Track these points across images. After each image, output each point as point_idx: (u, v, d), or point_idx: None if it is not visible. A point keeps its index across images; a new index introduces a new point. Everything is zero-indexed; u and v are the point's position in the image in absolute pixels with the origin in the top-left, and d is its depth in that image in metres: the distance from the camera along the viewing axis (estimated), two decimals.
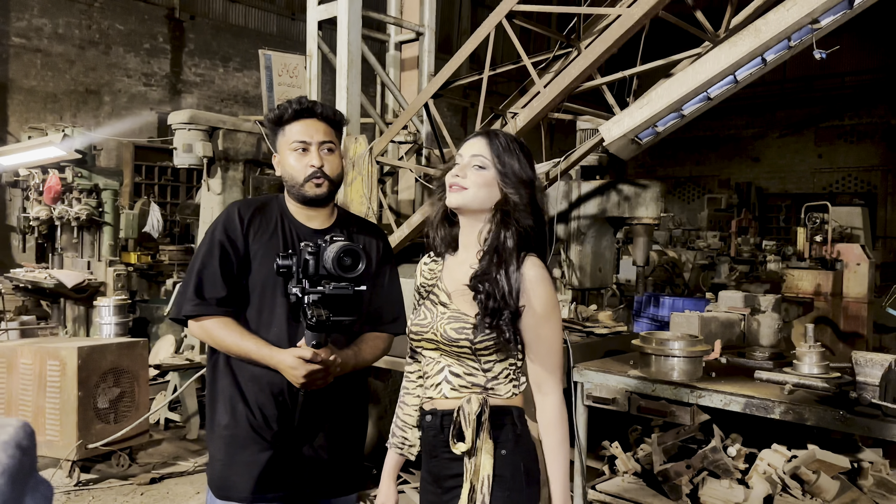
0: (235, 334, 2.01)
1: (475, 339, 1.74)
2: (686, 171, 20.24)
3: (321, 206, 2.13)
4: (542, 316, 1.75)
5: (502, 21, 3.60)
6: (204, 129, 6.18)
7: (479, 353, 1.77)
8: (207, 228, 2.13)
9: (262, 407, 2.04)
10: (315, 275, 1.93)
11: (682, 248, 11.14)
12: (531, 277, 1.74)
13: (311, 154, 2.07)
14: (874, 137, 17.99)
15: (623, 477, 3.37)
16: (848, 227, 9.37)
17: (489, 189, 1.78)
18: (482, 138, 1.83)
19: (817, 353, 3.06)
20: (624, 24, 3.17)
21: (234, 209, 2.12)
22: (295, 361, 1.93)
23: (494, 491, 1.72)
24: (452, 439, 1.76)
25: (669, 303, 5.62)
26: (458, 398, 1.79)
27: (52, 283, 7.53)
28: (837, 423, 2.58)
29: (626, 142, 3.52)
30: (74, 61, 12.33)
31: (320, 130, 2.09)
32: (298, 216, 2.14)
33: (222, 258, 2.04)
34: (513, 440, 1.77)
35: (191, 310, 2.02)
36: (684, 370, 3.06)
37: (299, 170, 2.07)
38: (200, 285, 2.02)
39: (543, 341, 1.76)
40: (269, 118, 2.15)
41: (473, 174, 1.78)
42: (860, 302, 8.16)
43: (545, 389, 1.78)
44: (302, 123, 2.08)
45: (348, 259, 1.91)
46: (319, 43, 4.66)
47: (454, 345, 1.77)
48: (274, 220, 2.11)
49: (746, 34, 3.18)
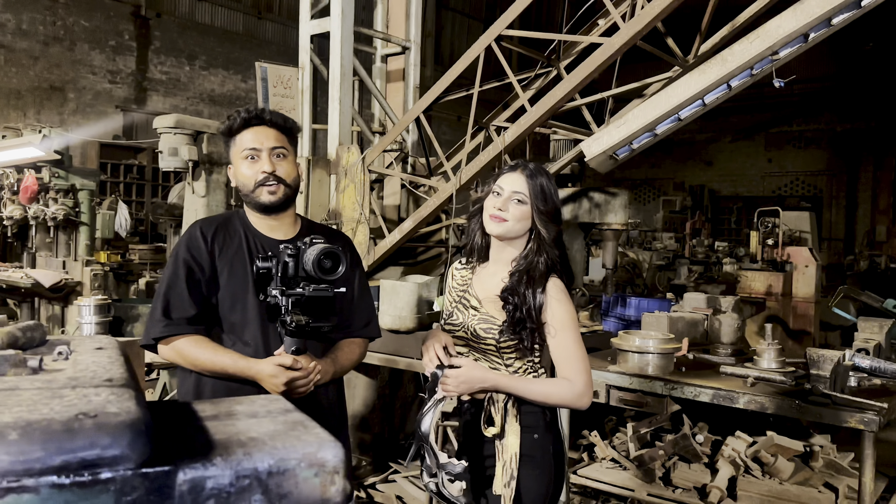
0: (209, 350, 1.99)
1: (500, 339, 2.03)
2: (642, 173, 20.85)
3: (279, 213, 2.12)
4: (560, 328, 2.01)
5: (491, 44, 3.89)
6: (189, 132, 6.33)
7: (502, 351, 2.05)
8: (171, 251, 2.13)
9: None
10: (294, 277, 1.94)
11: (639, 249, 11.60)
12: (551, 296, 2.02)
13: (261, 160, 2.06)
14: (820, 143, 18.83)
15: (601, 463, 3.70)
16: (797, 231, 9.92)
17: (525, 222, 2.06)
18: (521, 175, 2.08)
19: (775, 350, 3.42)
20: (605, 52, 3.49)
21: (195, 228, 2.11)
22: (275, 369, 1.93)
23: (523, 468, 1.99)
24: (484, 424, 2.04)
25: (635, 303, 5.97)
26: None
27: (28, 283, 7.57)
28: (794, 411, 2.95)
29: (605, 157, 3.85)
30: (38, 58, 12.24)
31: (270, 137, 2.09)
32: (261, 228, 2.13)
33: (188, 277, 2.02)
34: (543, 426, 2.04)
35: (160, 331, 1.99)
36: (658, 365, 3.40)
37: (250, 176, 2.07)
38: (168, 306, 2.00)
39: (564, 348, 2.01)
40: (221, 129, 2.17)
41: (514, 208, 2.05)
42: (808, 302, 8.68)
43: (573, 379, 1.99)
44: (252, 131, 2.09)
45: (329, 261, 1.92)
46: (311, 56, 4.89)
47: (481, 342, 2.06)
48: (237, 235, 2.11)
49: (714, 63, 3.54)
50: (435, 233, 4.97)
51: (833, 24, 3.44)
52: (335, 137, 4.72)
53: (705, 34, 3.94)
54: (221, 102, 14.81)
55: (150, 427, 0.59)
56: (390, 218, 5.09)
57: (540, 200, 2.03)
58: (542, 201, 2.03)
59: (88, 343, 0.94)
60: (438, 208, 4.27)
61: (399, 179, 4.85)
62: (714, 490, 3.22)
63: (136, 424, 0.58)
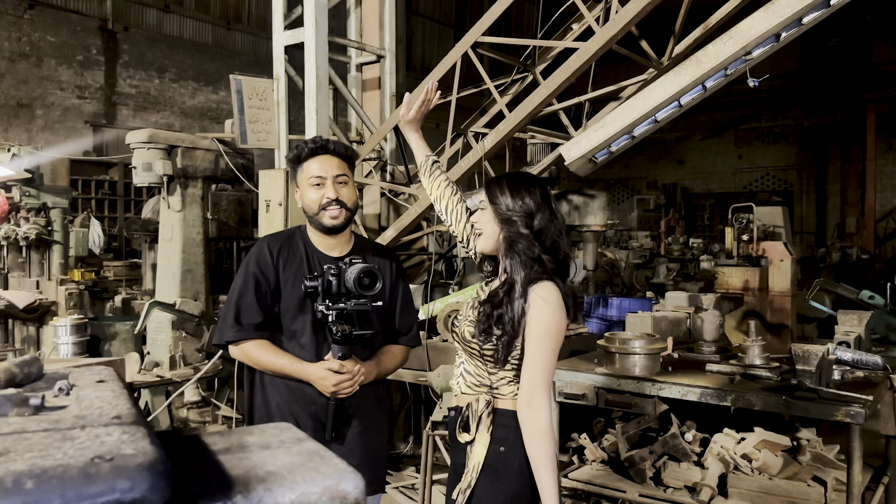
0: (270, 353, 2.28)
1: (483, 345, 2.01)
2: (615, 173, 21.00)
3: (339, 233, 2.38)
4: (537, 338, 1.96)
5: (468, 51, 3.89)
6: (163, 147, 6.26)
7: (485, 358, 2.04)
8: (242, 262, 2.41)
9: (297, 416, 2.29)
10: (338, 293, 2.19)
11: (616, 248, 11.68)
12: (541, 300, 1.97)
13: (326, 187, 2.32)
14: (789, 138, 19.12)
15: (591, 465, 3.71)
16: (771, 226, 10.04)
17: (493, 226, 2.07)
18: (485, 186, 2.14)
19: (759, 347, 3.46)
20: (581, 56, 3.51)
21: (263, 244, 2.38)
22: (324, 373, 2.20)
23: (483, 479, 1.98)
24: (459, 429, 2.06)
25: (617, 303, 6.02)
26: (469, 396, 2.08)
27: (2, 305, 7.43)
28: (781, 407, 2.97)
29: (584, 161, 3.87)
30: (4, 74, 12.03)
31: (334, 165, 2.35)
32: (320, 245, 2.39)
33: (257, 288, 2.29)
34: (512, 440, 1.99)
35: (232, 335, 2.28)
36: (645, 366, 3.42)
37: (316, 201, 2.32)
38: (239, 314, 2.28)
39: (538, 358, 1.96)
40: (289, 157, 2.43)
41: (481, 216, 2.09)
42: (784, 295, 8.79)
43: (535, 403, 1.94)
44: (318, 160, 2.34)
45: (367, 279, 2.17)
46: (286, 66, 4.86)
47: (467, 345, 2.07)
48: (299, 251, 2.37)
49: (689, 64, 3.57)
50: (417, 241, 4.96)
51: (804, 23, 3.49)
52: None
53: (679, 36, 3.98)
54: (193, 115, 14.68)
55: (169, 467, 0.58)
56: (371, 227, 5.07)
57: (496, 202, 2.04)
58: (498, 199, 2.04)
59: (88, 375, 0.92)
60: (419, 216, 4.26)
61: (378, 188, 4.83)
62: (705, 488, 3.23)
63: (154, 465, 0.57)
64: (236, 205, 7.03)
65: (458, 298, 3.94)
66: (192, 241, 6.66)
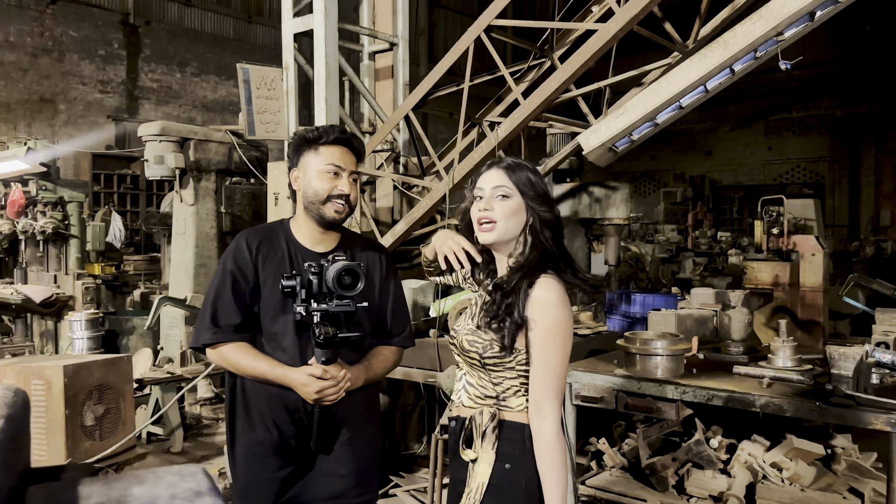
0: (250, 357, 2.11)
1: (484, 354, 1.81)
2: (641, 165, 20.64)
3: (333, 229, 2.21)
4: (546, 337, 1.76)
5: (481, 35, 3.70)
6: (175, 139, 6.17)
7: (487, 367, 1.83)
8: (219, 260, 2.23)
9: (280, 424, 2.14)
10: (319, 293, 2.03)
11: (641, 242, 11.41)
12: (542, 298, 1.77)
13: (342, 180, 2.16)
14: (821, 129, 18.61)
15: (611, 471, 3.52)
16: (802, 219, 9.72)
17: (517, 218, 1.85)
18: (498, 170, 1.88)
19: (790, 348, 3.24)
20: (601, 38, 3.31)
21: (242, 240, 2.21)
22: (306, 379, 2.03)
23: (486, 499, 1.78)
24: (462, 445, 1.86)
25: (640, 299, 5.80)
26: (473, 408, 1.87)
27: (19, 299, 7.40)
28: (815, 414, 2.76)
29: (604, 150, 3.66)
30: (27, 70, 12.07)
31: (353, 161, 2.21)
32: (305, 240, 2.21)
33: (234, 287, 2.13)
34: (519, 456, 1.80)
35: (209, 338, 2.13)
36: (668, 367, 3.22)
37: (326, 189, 2.14)
38: (216, 314, 2.13)
39: (544, 362, 1.77)
40: (309, 135, 2.22)
41: (500, 206, 1.84)
42: (816, 291, 8.49)
43: (543, 412, 1.77)
44: (340, 149, 2.18)
45: (348, 278, 2.01)
46: (295, 55, 4.70)
47: (467, 356, 1.86)
48: (281, 246, 2.19)
49: (716, 46, 3.35)
50: (430, 235, 4.79)
51: (840, 0, 3.25)
52: None
53: (705, 17, 3.76)
54: (214, 109, 14.64)
55: None
56: (384, 221, 4.91)
57: (528, 187, 1.84)
58: (531, 187, 1.84)
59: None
60: (432, 209, 4.10)
61: (391, 180, 4.67)
62: (731, 498, 3.04)
63: None
64: (250, 198, 6.92)
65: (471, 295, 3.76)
66: (205, 235, 6.57)
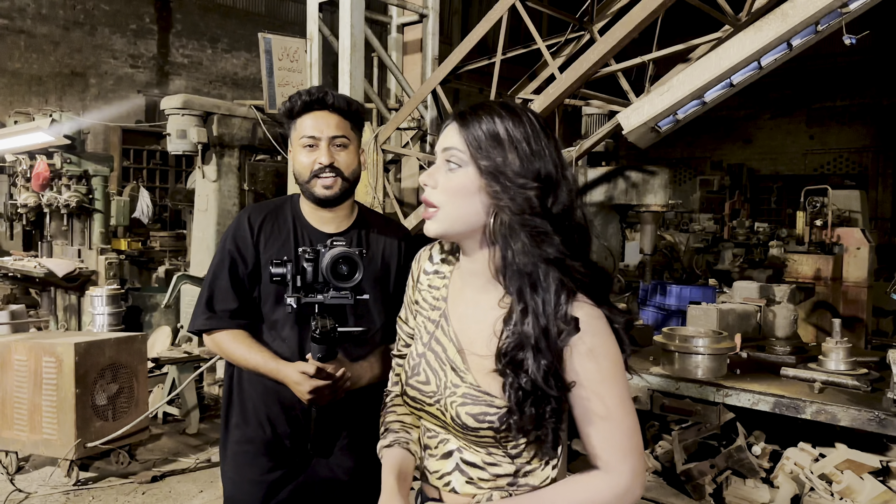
0: (244, 347, 1.92)
1: (502, 427, 1.24)
2: (677, 152, 20.15)
3: (334, 206, 1.97)
4: (594, 384, 1.22)
5: (516, 3, 3.45)
6: (198, 114, 6.01)
7: (504, 441, 1.28)
8: (221, 237, 2.03)
9: (275, 422, 1.95)
10: (315, 282, 1.79)
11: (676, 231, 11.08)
12: (587, 330, 1.21)
13: (319, 150, 1.92)
14: (865, 119, 17.97)
15: None
16: (846, 211, 9.32)
17: (471, 198, 1.24)
18: (455, 122, 1.28)
19: (844, 349, 2.98)
20: (646, 7, 3.04)
21: (244, 217, 2.02)
22: (298, 376, 1.82)
23: None
24: None
25: (676, 291, 5.52)
26: (471, 493, 1.31)
27: (42, 272, 7.35)
28: (873, 425, 2.51)
29: (646, 130, 3.40)
30: (59, 43, 12.04)
31: (331, 124, 1.93)
32: (312, 219, 2.00)
33: (231, 270, 1.95)
34: None
35: (202, 324, 1.96)
36: (709, 367, 2.98)
37: (307, 166, 1.93)
38: (212, 298, 1.96)
39: (607, 417, 1.22)
40: (281, 111, 2.02)
41: (445, 179, 1.26)
42: (860, 286, 8.14)
43: (613, 469, 1.24)
44: (312, 116, 1.93)
45: (345, 267, 1.76)
46: (320, 25, 4.49)
47: (471, 434, 1.28)
48: (287, 225, 1.99)
49: (773, 18, 3.06)
50: None
51: None
52: None
53: None
54: (245, 85, 14.52)
55: None
56: (408, 202, 4.70)
57: (488, 148, 1.21)
58: (493, 147, 1.21)
59: None
60: None
61: (416, 159, 4.45)
62: None
63: None
64: (274, 176, 6.76)
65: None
66: (227, 212, 6.42)
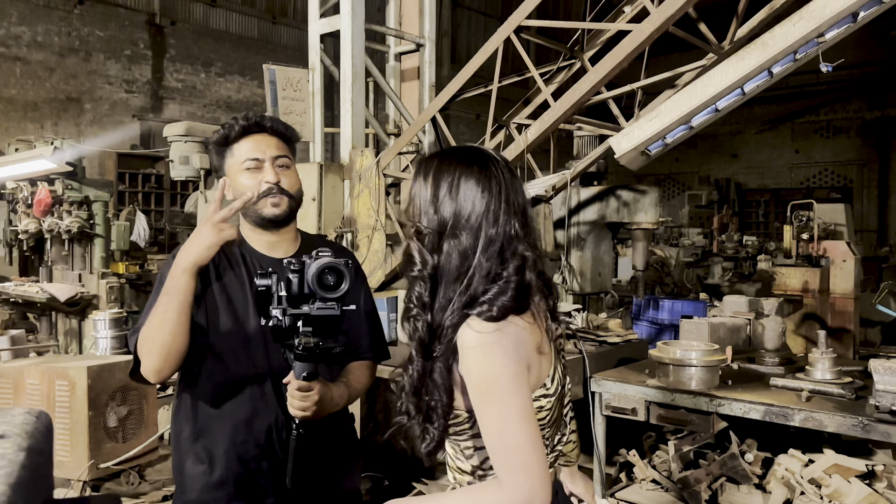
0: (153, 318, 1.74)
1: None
2: (666, 168, 20.44)
3: (281, 228, 1.95)
4: (478, 398, 1.35)
5: (511, 35, 3.63)
6: (200, 140, 6.15)
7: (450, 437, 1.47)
8: (160, 270, 1.94)
9: (246, 458, 1.84)
10: (300, 294, 1.74)
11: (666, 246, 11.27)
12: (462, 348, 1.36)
13: (265, 170, 1.89)
14: (849, 132, 18.32)
15: (641, 484, 3.43)
16: (832, 224, 9.53)
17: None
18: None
19: (829, 360, 3.13)
20: (635, 39, 3.22)
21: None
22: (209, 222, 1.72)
23: None
24: None
25: (668, 305, 5.70)
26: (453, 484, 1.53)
27: (44, 297, 7.44)
28: (858, 430, 2.66)
29: (636, 154, 3.58)
30: (54, 69, 12.18)
31: (272, 145, 1.93)
32: (259, 246, 1.95)
33: None
34: None
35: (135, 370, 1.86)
36: (702, 379, 3.13)
37: (252, 188, 1.87)
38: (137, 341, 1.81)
39: (487, 434, 1.34)
40: (215, 140, 1.96)
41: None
42: (847, 298, 8.31)
43: (504, 483, 1.33)
44: (252, 140, 1.92)
45: (332, 276, 1.72)
46: (322, 56, 4.66)
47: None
48: (234, 255, 1.91)
49: (754, 48, 3.25)
50: None
51: (884, 0, 3.14)
52: (348, 141, 4.49)
53: (742, 18, 3.65)
54: (238, 109, 14.69)
55: None
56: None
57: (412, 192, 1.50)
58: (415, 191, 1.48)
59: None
60: None
61: None
62: None
63: None
64: None
65: None
66: None
